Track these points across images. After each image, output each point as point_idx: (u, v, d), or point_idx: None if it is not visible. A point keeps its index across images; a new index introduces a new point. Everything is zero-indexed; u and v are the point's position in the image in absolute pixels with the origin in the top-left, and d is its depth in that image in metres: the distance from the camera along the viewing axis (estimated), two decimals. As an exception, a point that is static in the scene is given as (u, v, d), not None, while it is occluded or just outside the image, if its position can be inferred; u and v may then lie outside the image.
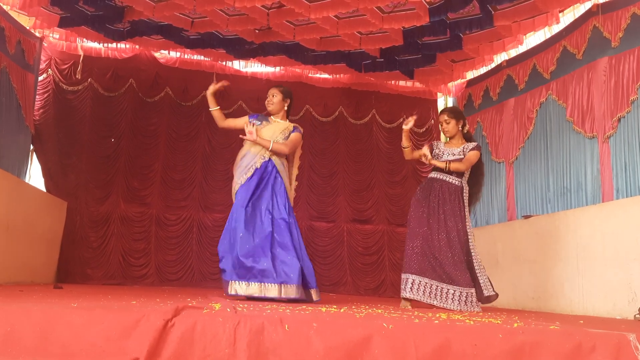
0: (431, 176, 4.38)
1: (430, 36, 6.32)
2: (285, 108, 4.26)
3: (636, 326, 2.89)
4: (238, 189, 4.02)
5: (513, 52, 6.77)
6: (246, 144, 4.17)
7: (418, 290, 4.06)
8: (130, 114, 7.44)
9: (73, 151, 7.11)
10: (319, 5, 5.56)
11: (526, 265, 5.52)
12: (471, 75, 7.57)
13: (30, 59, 6.70)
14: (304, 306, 3.15)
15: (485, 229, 6.59)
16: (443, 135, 4.53)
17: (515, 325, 2.40)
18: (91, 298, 3.02)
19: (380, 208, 7.83)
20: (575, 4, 5.48)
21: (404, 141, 4.35)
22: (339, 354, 1.92)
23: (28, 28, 6.58)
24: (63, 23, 6.32)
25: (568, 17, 5.87)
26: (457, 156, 4.28)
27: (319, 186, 7.82)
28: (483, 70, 7.37)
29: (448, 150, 4.35)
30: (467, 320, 2.60)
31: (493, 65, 7.13)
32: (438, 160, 4.31)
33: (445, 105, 8.14)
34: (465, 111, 7.62)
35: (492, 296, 4.16)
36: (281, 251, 3.80)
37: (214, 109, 4.21)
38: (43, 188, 6.83)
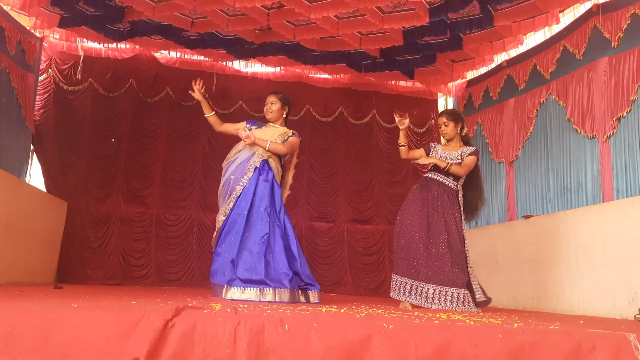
0: (428, 176, 4.33)
1: (430, 36, 6.32)
2: (284, 115, 4.24)
3: (636, 326, 2.89)
4: (241, 191, 3.95)
5: (513, 52, 6.77)
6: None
7: (415, 294, 4.02)
8: (130, 114, 7.45)
9: (73, 151, 7.12)
10: (319, 5, 5.56)
11: (526, 265, 5.52)
12: (471, 75, 7.57)
13: (30, 59, 6.70)
14: (304, 306, 3.15)
15: (485, 229, 6.58)
16: (443, 138, 4.48)
17: (515, 325, 2.40)
18: (91, 298, 3.02)
19: (380, 208, 7.83)
20: (575, 4, 5.48)
21: (402, 138, 4.33)
22: (339, 354, 1.92)
23: (28, 28, 6.58)
24: (63, 23, 6.32)
25: (568, 17, 5.87)
26: (455, 160, 4.26)
27: (319, 186, 7.82)
28: (483, 70, 7.37)
29: (446, 153, 4.32)
30: (467, 320, 2.60)
31: (493, 65, 7.13)
32: (437, 160, 4.30)
33: (445, 105, 8.14)
34: (465, 111, 7.62)
35: (486, 301, 4.13)
36: (275, 256, 3.78)
37: (209, 115, 4.17)
38: (43, 188, 6.84)
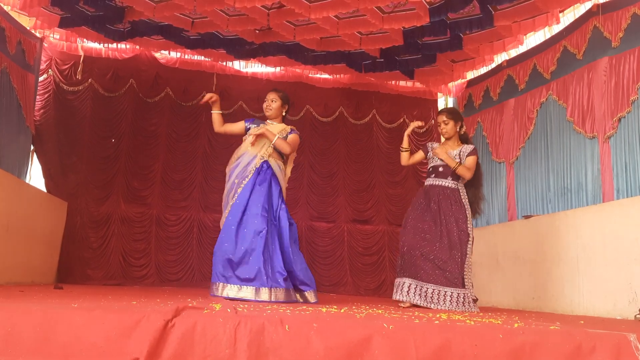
0: (427, 183, 4.35)
1: (430, 36, 6.32)
2: (283, 113, 4.27)
3: (636, 326, 2.89)
4: (240, 192, 4.00)
5: (513, 52, 6.77)
6: (244, 144, 4.17)
7: (414, 293, 4.04)
8: (130, 115, 7.45)
9: (73, 151, 7.12)
10: (319, 5, 5.56)
11: (526, 265, 5.52)
12: (471, 75, 7.57)
13: (30, 60, 6.70)
14: (305, 306, 3.15)
15: (485, 229, 6.58)
16: (442, 136, 4.48)
17: (515, 325, 2.40)
18: (91, 298, 3.02)
19: (380, 208, 7.83)
20: (575, 4, 5.48)
21: (405, 143, 4.35)
22: (339, 354, 1.92)
23: (28, 28, 6.58)
24: (63, 23, 6.32)
25: (568, 17, 5.87)
26: (455, 158, 4.28)
27: (319, 186, 7.82)
28: (483, 70, 7.37)
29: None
30: (468, 320, 2.60)
31: (493, 65, 7.13)
32: (434, 161, 4.31)
33: (445, 105, 8.14)
34: (465, 111, 7.62)
35: (475, 299, 4.14)
36: (271, 255, 3.83)
37: (216, 112, 4.21)
38: (43, 188, 6.84)
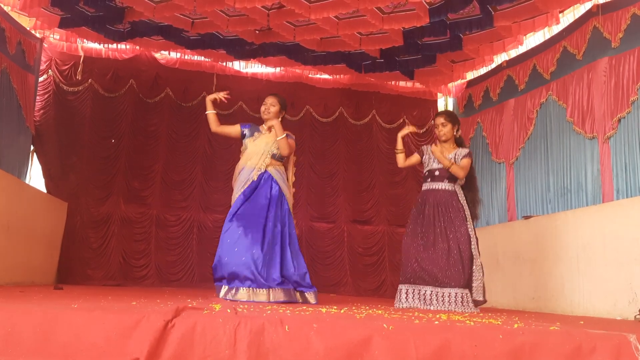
0: (424, 188, 4.35)
1: (430, 37, 6.32)
2: (279, 118, 4.31)
3: (637, 327, 2.89)
4: (236, 199, 4.12)
5: (513, 53, 6.77)
6: (242, 159, 4.25)
7: (413, 298, 4.06)
8: (130, 115, 7.45)
9: (73, 152, 7.12)
10: (319, 5, 5.57)
11: (526, 265, 5.52)
12: (471, 75, 7.57)
13: (30, 60, 6.70)
14: (304, 307, 3.16)
15: (485, 230, 6.58)
16: (439, 138, 4.47)
17: (515, 326, 2.40)
18: (91, 299, 3.02)
19: (380, 209, 7.83)
20: (575, 5, 5.48)
21: (399, 144, 4.36)
22: (339, 355, 1.92)
23: (28, 29, 6.58)
24: (63, 24, 6.33)
25: (568, 18, 5.87)
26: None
27: (319, 187, 7.82)
28: (483, 70, 7.37)
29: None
30: (467, 321, 2.60)
31: (493, 65, 7.13)
32: (430, 165, 4.32)
33: (445, 106, 8.15)
34: (465, 112, 7.63)
35: (480, 301, 4.11)
36: (272, 257, 3.89)
37: (210, 112, 4.30)
38: (43, 189, 6.84)
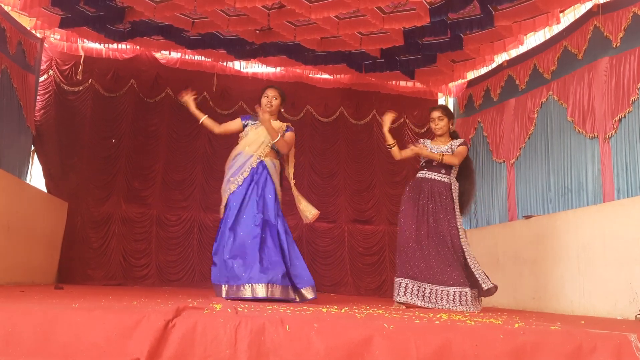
0: (419, 176, 4.36)
1: (430, 36, 6.32)
2: (280, 110, 4.33)
3: (637, 326, 2.89)
4: (234, 190, 4.05)
5: (514, 52, 6.76)
6: (241, 143, 4.21)
7: (412, 294, 4.06)
8: (131, 115, 7.45)
9: (74, 152, 7.12)
10: (320, 5, 5.57)
11: (527, 265, 5.52)
12: (472, 75, 7.57)
13: (31, 60, 6.70)
14: (305, 306, 3.15)
15: (486, 229, 6.58)
16: (435, 132, 4.47)
17: (516, 325, 2.40)
18: (92, 299, 3.02)
19: (381, 208, 7.83)
20: (575, 4, 5.48)
21: (388, 139, 4.34)
22: (340, 355, 1.92)
23: (29, 29, 6.58)
24: (64, 24, 6.32)
25: (569, 17, 5.87)
26: (446, 153, 4.30)
27: (320, 186, 7.82)
28: (484, 70, 7.37)
29: (436, 148, 4.35)
30: (468, 320, 2.60)
31: (494, 65, 7.13)
32: (430, 153, 4.31)
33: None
34: (465, 111, 7.63)
35: (492, 288, 4.08)
36: (268, 253, 3.88)
37: (204, 118, 4.23)
38: (44, 189, 6.84)
